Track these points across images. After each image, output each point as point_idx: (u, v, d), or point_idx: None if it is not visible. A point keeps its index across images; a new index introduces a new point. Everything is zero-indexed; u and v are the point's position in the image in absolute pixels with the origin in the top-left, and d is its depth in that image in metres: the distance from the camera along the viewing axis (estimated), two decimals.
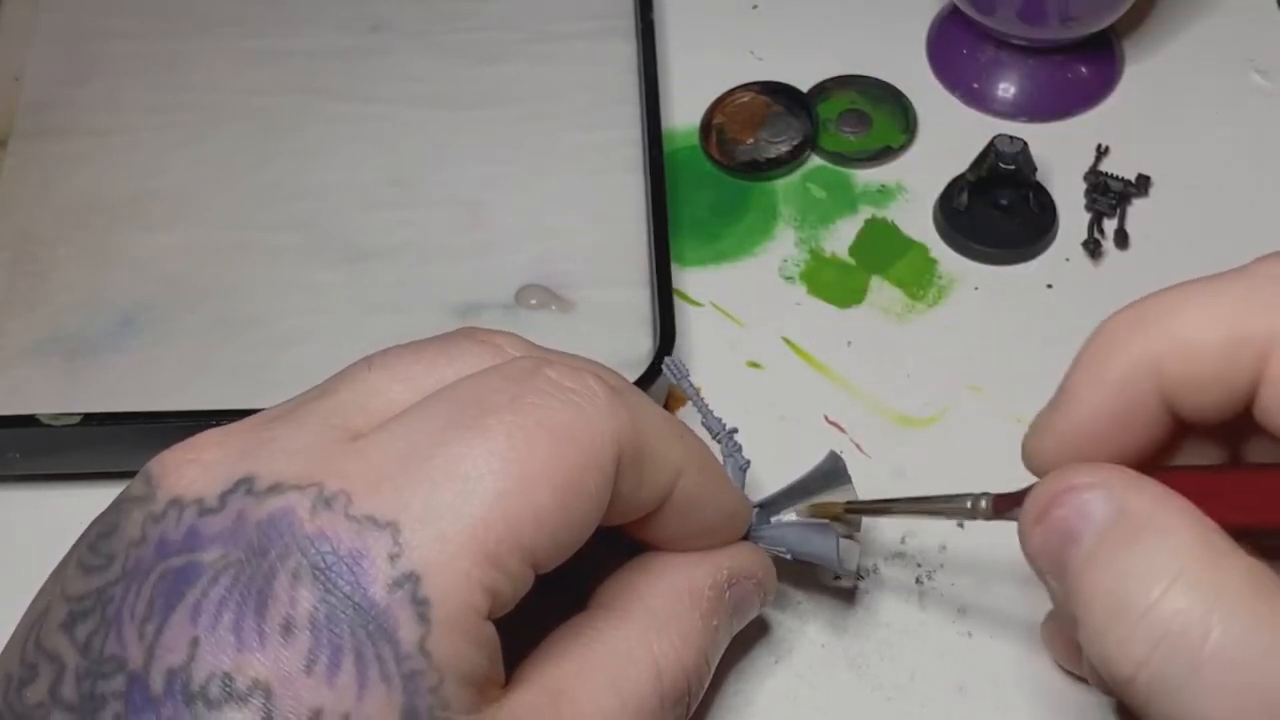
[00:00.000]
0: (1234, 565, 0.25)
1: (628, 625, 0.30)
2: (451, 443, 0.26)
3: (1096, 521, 0.27)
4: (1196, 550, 0.26)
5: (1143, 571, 0.26)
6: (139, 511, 0.27)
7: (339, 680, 0.25)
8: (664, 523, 0.30)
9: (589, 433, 0.27)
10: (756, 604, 0.33)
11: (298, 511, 0.26)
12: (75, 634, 0.26)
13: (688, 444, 0.30)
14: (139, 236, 0.43)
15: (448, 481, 0.26)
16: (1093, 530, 0.27)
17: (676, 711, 0.30)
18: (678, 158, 0.47)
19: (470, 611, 0.26)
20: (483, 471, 0.26)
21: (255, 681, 0.24)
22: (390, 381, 0.29)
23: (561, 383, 0.28)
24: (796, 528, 0.34)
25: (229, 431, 0.28)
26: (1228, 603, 0.25)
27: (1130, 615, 0.25)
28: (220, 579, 0.25)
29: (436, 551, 0.25)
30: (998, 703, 0.36)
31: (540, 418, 0.27)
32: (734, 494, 0.32)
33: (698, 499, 0.30)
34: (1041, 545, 0.28)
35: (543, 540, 0.26)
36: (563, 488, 0.26)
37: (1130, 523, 0.26)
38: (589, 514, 0.27)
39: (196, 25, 0.47)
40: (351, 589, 0.25)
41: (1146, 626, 0.25)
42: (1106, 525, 0.27)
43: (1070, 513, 0.27)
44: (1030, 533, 0.28)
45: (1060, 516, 0.27)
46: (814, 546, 0.34)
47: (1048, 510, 0.28)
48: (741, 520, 0.33)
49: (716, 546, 0.32)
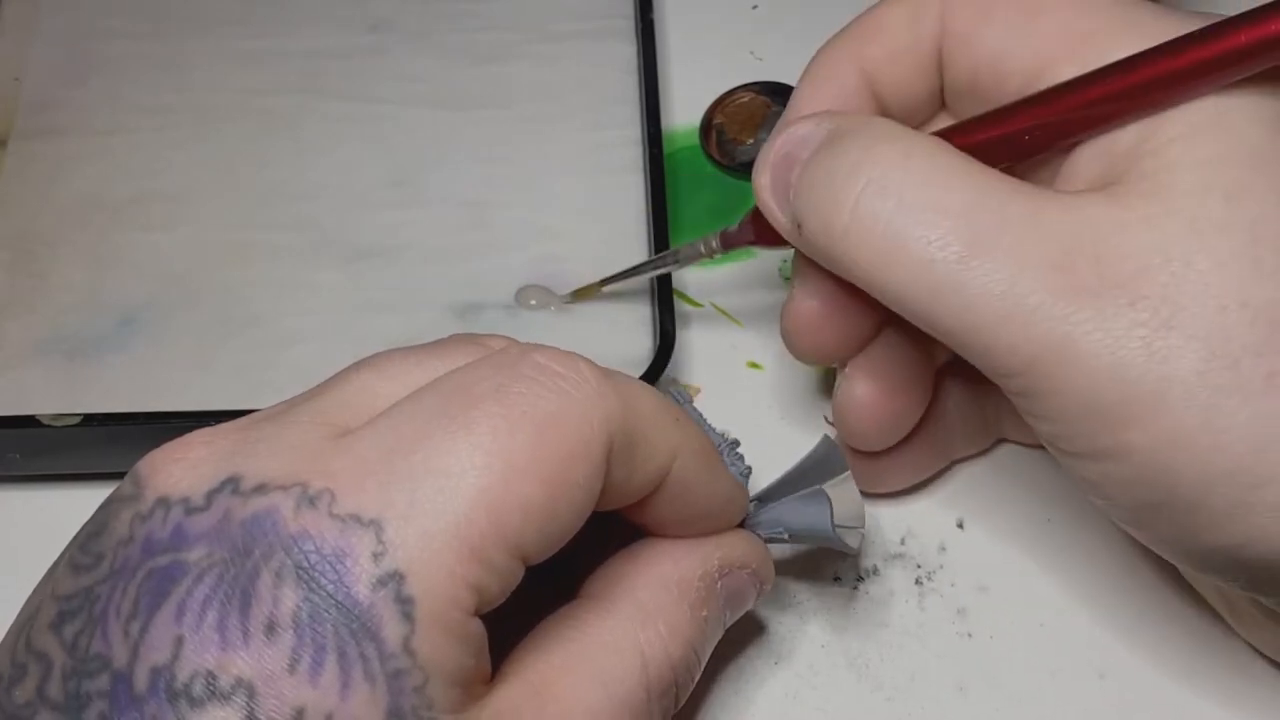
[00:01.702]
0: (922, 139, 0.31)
1: (613, 617, 0.30)
2: (435, 437, 0.26)
3: (813, 142, 0.32)
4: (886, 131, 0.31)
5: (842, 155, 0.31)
6: (127, 511, 0.27)
7: (322, 680, 0.24)
8: (658, 508, 0.30)
9: (577, 420, 0.27)
10: (752, 595, 0.33)
11: (282, 511, 0.25)
12: (63, 633, 0.26)
13: (682, 428, 0.30)
14: (139, 236, 0.43)
15: (431, 477, 0.26)
16: (809, 149, 0.32)
17: (664, 703, 0.30)
18: (678, 158, 0.47)
19: (455, 609, 0.25)
20: (466, 466, 0.26)
21: (238, 680, 0.24)
22: (379, 379, 0.29)
23: (549, 367, 0.27)
24: (789, 503, 0.33)
25: (218, 431, 0.28)
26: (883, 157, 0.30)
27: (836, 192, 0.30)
28: (205, 578, 0.25)
29: (420, 549, 0.25)
30: (998, 703, 0.36)
31: (526, 407, 0.26)
32: (729, 479, 0.32)
33: (692, 484, 0.30)
34: (771, 182, 0.32)
35: (530, 533, 0.26)
36: (550, 479, 0.26)
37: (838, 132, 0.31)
38: (579, 504, 0.27)
39: (196, 25, 0.47)
40: (335, 588, 0.25)
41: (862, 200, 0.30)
42: (819, 142, 0.32)
43: (793, 143, 0.32)
44: (761, 180, 0.33)
45: (784, 152, 0.32)
46: (809, 519, 0.33)
47: (773, 151, 0.32)
48: (737, 506, 0.33)
49: (711, 533, 0.32)
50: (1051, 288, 0.28)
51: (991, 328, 0.29)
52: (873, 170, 0.30)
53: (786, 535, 0.33)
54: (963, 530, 0.39)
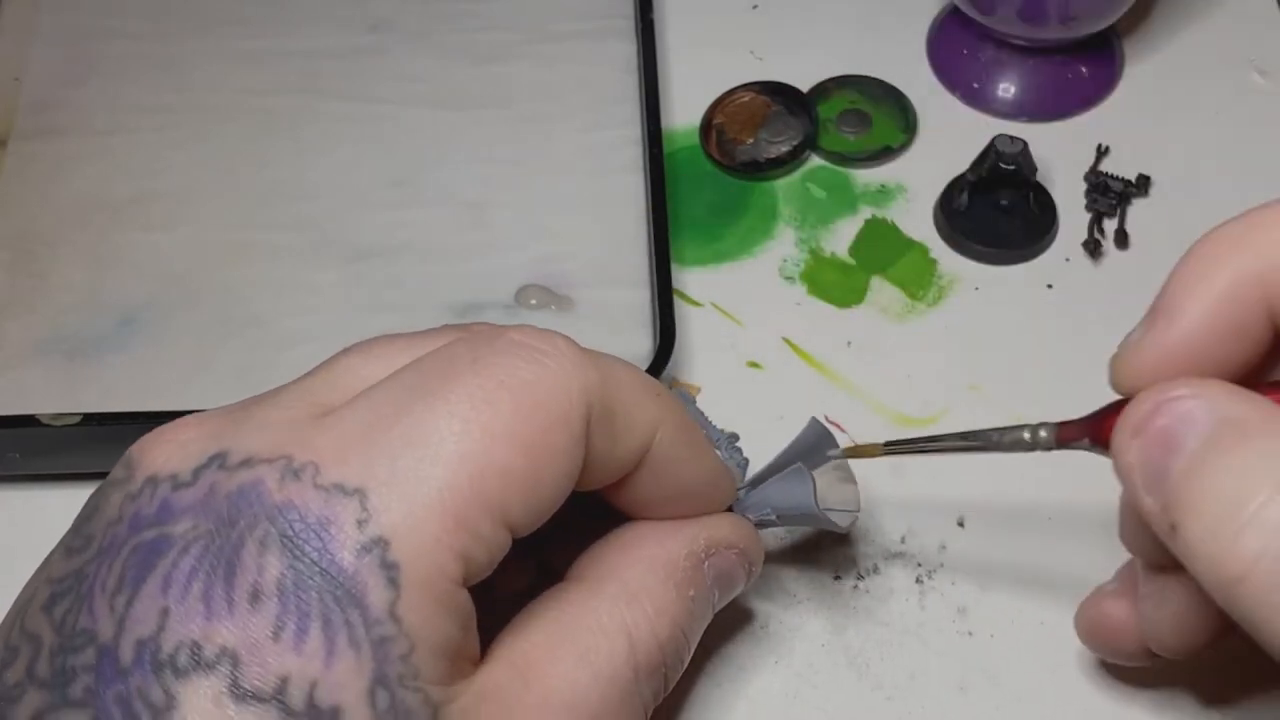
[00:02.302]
0: None
1: (599, 597, 0.30)
2: (415, 409, 0.26)
3: (1200, 428, 0.26)
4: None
5: (1253, 470, 0.25)
6: (118, 493, 0.27)
7: (306, 647, 0.24)
8: (641, 485, 0.30)
9: (554, 389, 0.27)
10: (741, 576, 0.33)
11: (266, 483, 0.26)
12: (53, 613, 0.26)
13: (663, 402, 0.30)
14: (139, 236, 0.43)
15: (411, 447, 0.26)
16: (1197, 437, 0.26)
17: (653, 684, 0.30)
18: (678, 158, 0.47)
19: (441, 576, 0.25)
20: (445, 434, 0.26)
21: (222, 649, 0.24)
22: (365, 362, 0.29)
23: (525, 341, 0.27)
24: (775, 484, 0.33)
25: (207, 415, 0.28)
26: None
27: (1241, 514, 0.25)
28: (190, 550, 0.25)
29: (404, 516, 0.25)
30: (998, 703, 0.36)
31: (503, 376, 0.27)
32: (713, 458, 0.32)
33: (675, 459, 0.30)
34: (1141, 457, 0.27)
35: (514, 500, 0.26)
36: (530, 445, 0.26)
37: (1236, 428, 0.26)
38: (561, 471, 0.27)
39: (196, 25, 0.47)
40: (319, 555, 0.25)
41: (1260, 522, 0.24)
42: (1211, 432, 0.26)
43: (1173, 422, 0.26)
44: (1127, 446, 0.27)
45: (1161, 427, 0.27)
46: (794, 498, 0.33)
47: (1148, 421, 0.27)
48: (723, 488, 0.32)
49: (697, 515, 0.32)
50: None
51: None
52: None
53: (775, 516, 0.33)
54: (963, 529, 0.39)
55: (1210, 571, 0.25)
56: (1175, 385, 0.27)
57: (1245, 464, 0.25)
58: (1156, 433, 0.27)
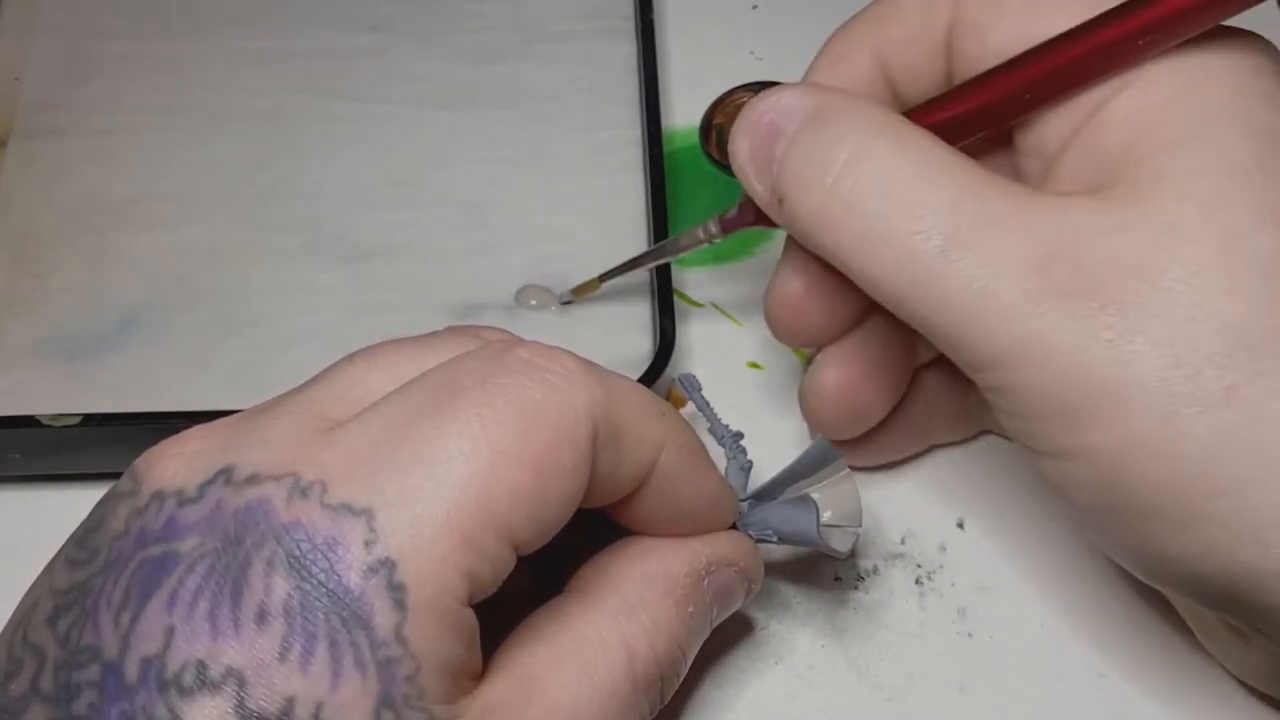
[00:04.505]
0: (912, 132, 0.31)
1: (598, 610, 0.30)
2: (423, 427, 0.26)
3: (798, 115, 0.32)
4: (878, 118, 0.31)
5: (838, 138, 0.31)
6: (124, 506, 0.27)
7: (312, 668, 0.24)
8: (645, 504, 0.30)
9: (561, 408, 0.27)
10: (740, 593, 0.33)
11: (274, 501, 0.26)
12: (57, 627, 0.26)
13: (669, 421, 0.30)
14: (139, 236, 0.43)
15: (419, 466, 0.26)
16: (795, 122, 0.32)
17: (650, 698, 0.30)
18: (678, 158, 0.47)
19: (448, 597, 0.25)
20: (453, 453, 0.26)
21: (228, 669, 0.24)
22: (370, 371, 0.29)
23: (533, 360, 0.28)
24: (778, 506, 0.34)
25: (214, 426, 0.28)
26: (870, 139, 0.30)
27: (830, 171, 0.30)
28: (197, 567, 0.25)
29: (411, 536, 0.25)
30: (998, 703, 0.36)
31: (511, 396, 0.27)
32: (717, 477, 0.32)
33: (679, 479, 0.30)
34: (750, 150, 0.32)
35: (520, 519, 0.26)
36: (537, 464, 0.26)
37: (824, 110, 0.32)
38: (567, 490, 0.27)
39: (196, 25, 0.47)
40: (326, 576, 0.25)
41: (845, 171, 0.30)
42: (805, 116, 0.32)
43: (775, 115, 0.32)
44: (740, 144, 0.32)
45: (768, 121, 0.32)
46: (797, 524, 0.33)
47: (757, 118, 0.32)
48: (725, 507, 0.32)
49: (699, 533, 0.32)
50: (1028, 287, 0.28)
51: (966, 322, 0.29)
52: (863, 159, 0.30)
53: (775, 538, 0.34)
54: (963, 530, 0.39)
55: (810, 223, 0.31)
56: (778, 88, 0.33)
57: (831, 134, 0.31)
58: (763, 127, 0.32)
